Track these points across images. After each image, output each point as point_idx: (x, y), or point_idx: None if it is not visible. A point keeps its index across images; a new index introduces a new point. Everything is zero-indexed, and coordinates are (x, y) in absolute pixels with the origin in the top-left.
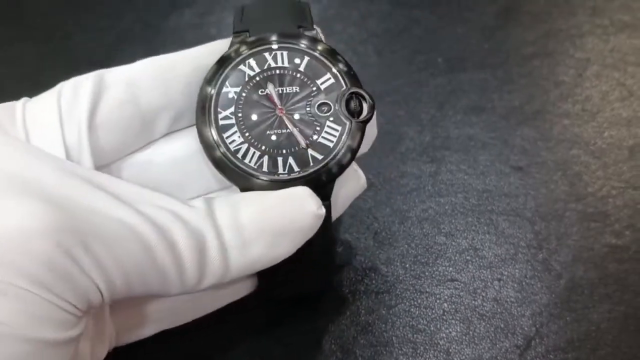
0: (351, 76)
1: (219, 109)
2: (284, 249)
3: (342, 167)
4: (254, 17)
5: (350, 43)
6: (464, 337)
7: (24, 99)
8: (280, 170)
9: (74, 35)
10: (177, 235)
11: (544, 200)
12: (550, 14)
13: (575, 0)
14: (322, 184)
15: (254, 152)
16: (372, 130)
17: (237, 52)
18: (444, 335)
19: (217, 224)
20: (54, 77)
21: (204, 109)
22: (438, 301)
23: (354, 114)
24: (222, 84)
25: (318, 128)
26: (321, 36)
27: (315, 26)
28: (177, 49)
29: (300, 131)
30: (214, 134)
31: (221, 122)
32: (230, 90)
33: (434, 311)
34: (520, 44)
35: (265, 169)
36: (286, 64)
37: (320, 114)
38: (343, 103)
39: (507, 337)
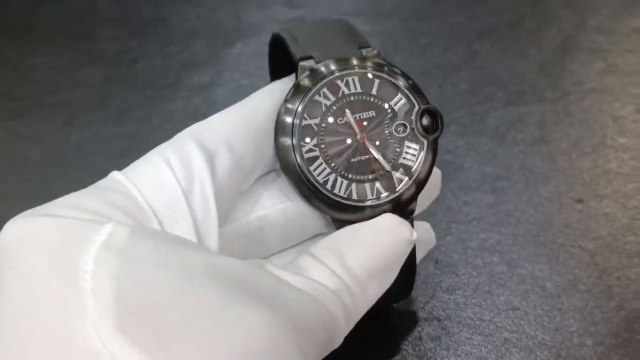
0: (418, 91)
1: (302, 143)
2: (390, 280)
3: (422, 185)
4: (313, 42)
5: (411, 75)
6: None
7: (122, 177)
8: (369, 196)
9: (140, 60)
10: (337, 306)
11: (604, 232)
12: (608, 51)
13: (633, 38)
14: (407, 203)
15: (342, 182)
16: (435, 191)
17: (310, 82)
18: None
19: (341, 279)
20: (121, 99)
21: (287, 146)
22: (499, 329)
23: (427, 130)
24: (302, 117)
25: (398, 149)
26: (381, 54)
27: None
28: (242, 78)
29: (383, 155)
30: (301, 166)
31: (306, 155)
32: (310, 123)
33: (495, 339)
34: (579, 79)
35: (355, 196)
36: (359, 89)
37: (398, 135)
38: (419, 121)
39: None
